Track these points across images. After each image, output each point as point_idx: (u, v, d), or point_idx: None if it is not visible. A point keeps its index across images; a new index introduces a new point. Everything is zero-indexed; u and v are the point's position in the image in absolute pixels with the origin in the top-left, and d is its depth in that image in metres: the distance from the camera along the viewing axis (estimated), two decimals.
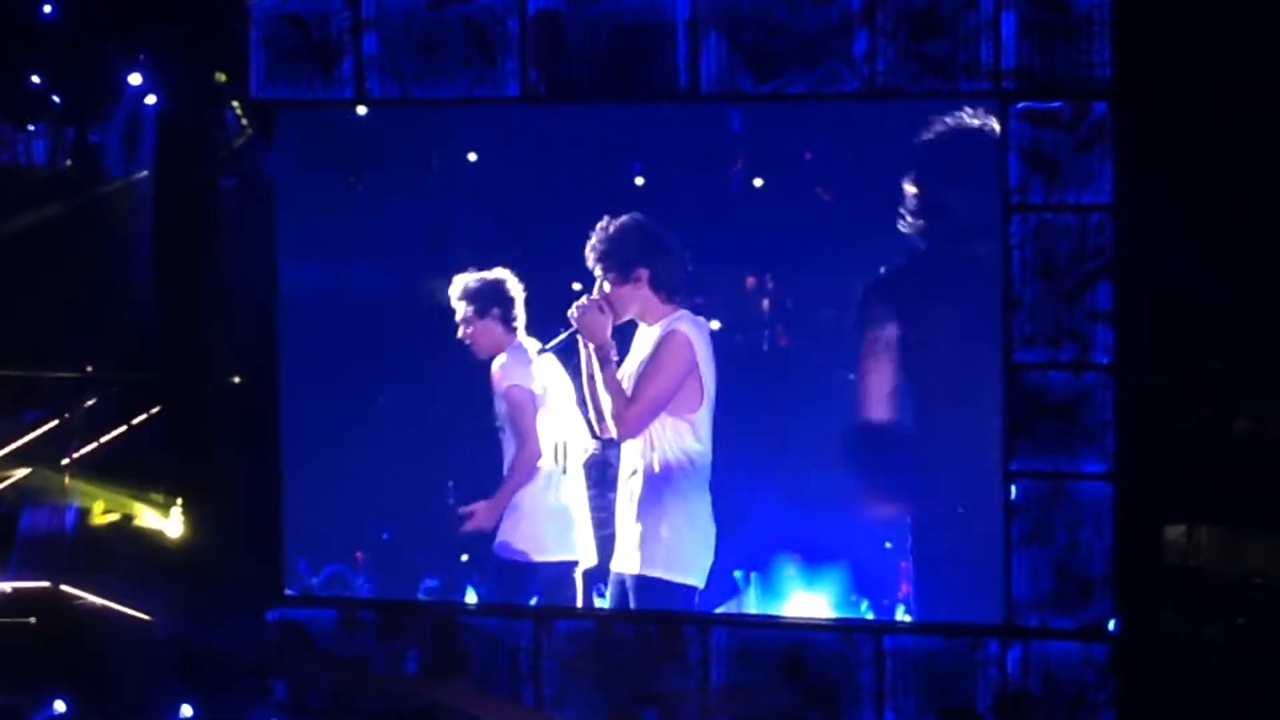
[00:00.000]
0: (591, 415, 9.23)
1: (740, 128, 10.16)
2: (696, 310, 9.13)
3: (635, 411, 9.04)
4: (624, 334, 9.11)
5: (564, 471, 9.80)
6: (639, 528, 8.99)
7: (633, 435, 9.08)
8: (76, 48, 9.96)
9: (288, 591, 10.00)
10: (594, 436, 9.53)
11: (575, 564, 9.79)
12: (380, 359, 10.21)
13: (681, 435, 9.02)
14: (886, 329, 9.36)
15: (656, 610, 9.05)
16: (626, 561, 9.03)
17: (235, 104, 9.73)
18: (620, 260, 9.14)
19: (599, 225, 9.09)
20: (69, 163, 10.87)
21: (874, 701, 9.21)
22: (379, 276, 10.41)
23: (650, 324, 9.15)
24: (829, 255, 9.90)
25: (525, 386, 9.77)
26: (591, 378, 9.08)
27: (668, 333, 9.04)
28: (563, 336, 9.10)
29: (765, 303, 10.52)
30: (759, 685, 9.31)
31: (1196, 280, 8.80)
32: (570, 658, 9.50)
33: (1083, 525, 8.98)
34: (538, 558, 9.72)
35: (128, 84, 9.92)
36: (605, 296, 9.12)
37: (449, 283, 9.86)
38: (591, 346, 9.06)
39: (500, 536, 9.75)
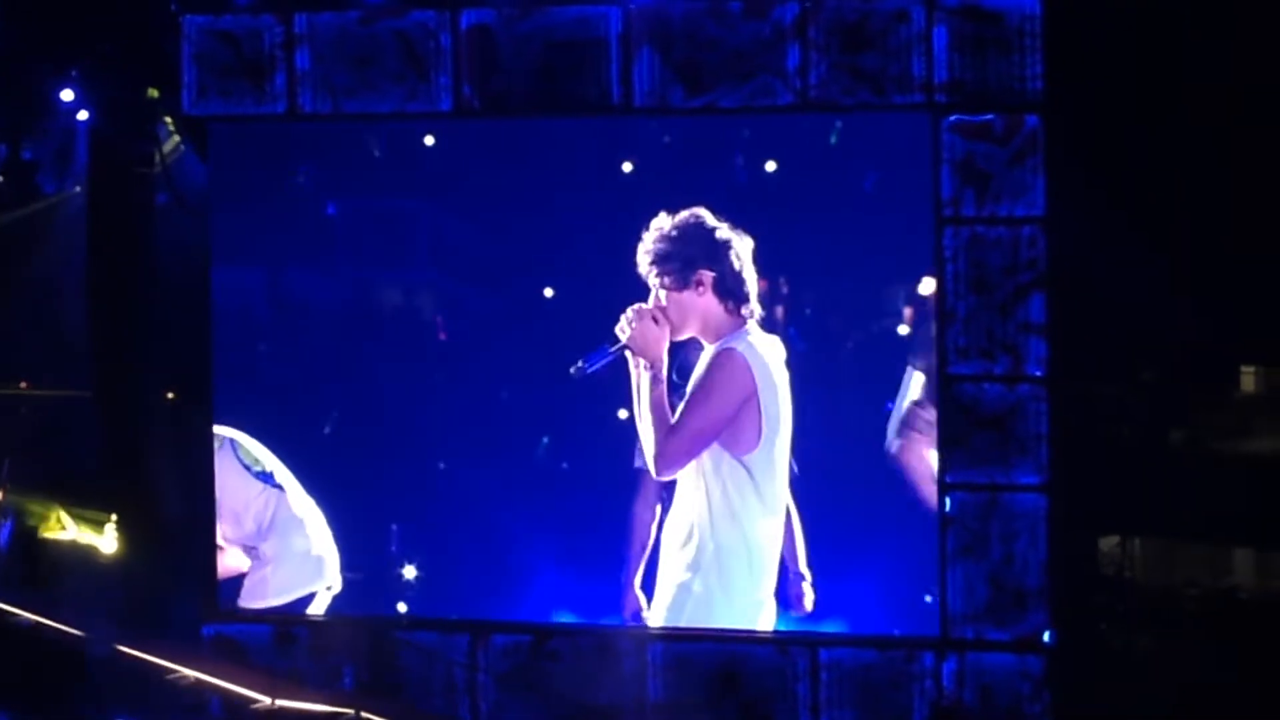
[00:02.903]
0: (641, 447, 8.61)
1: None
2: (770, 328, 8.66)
3: (673, 444, 8.34)
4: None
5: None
6: (672, 576, 8.59)
7: (667, 472, 8.43)
8: (8, 64, 9.89)
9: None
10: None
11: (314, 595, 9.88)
12: (315, 375, 10.15)
13: (736, 478, 8.40)
14: None
15: (590, 623, 9.07)
16: (657, 613, 8.73)
17: (168, 120, 9.71)
18: (681, 262, 8.50)
19: (655, 224, 8.59)
20: (1, 179, 10.82)
21: (810, 714, 9.22)
22: (314, 292, 10.35)
23: (712, 342, 8.51)
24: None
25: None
26: (641, 402, 8.53)
27: (721, 351, 8.42)
28: (610, 353, 8.51)
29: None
30: (695, 699, 9.33)
31: (1129, 292, 8.83)
32: (506, 672, 9.51)
33: (1017, 537, 9.01)
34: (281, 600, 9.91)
35: (60, 100, 9.90)
36: (661, 306, 8.51)
37: (387, 295, 9.87)
38: (642, 364, 8.42)
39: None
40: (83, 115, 9.90)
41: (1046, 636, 9.00)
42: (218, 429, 9.85)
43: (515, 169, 9.68)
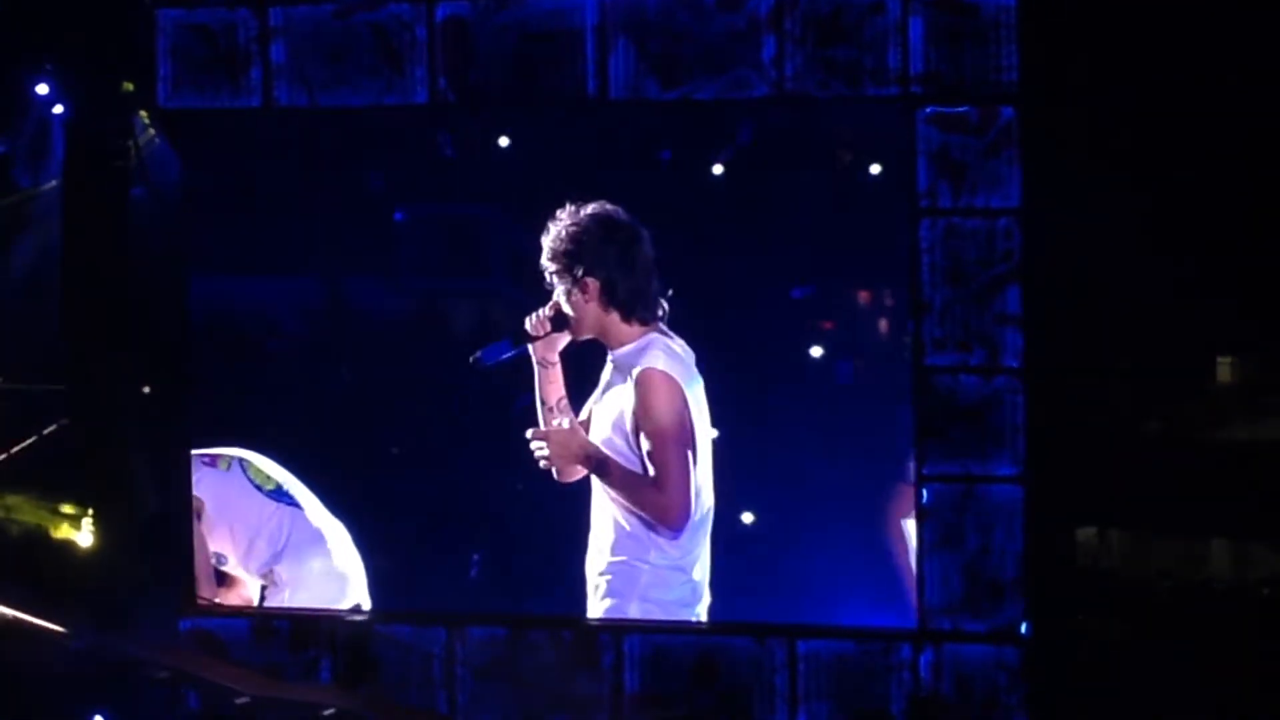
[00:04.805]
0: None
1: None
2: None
3: (671, 496, 7.79)
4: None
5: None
6: (594, 605, 8.48)
7: (685, 520, 7.91)
8: None
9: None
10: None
11: None
12: (288, 369, 10.17)
13: None
14: None
15: (569, 615, 9.05)
16: None
17: (143, 114, 9.67)
18: (569, 262, 7.97)
19: (559, 215, 8.21)
20: None
21: (787, 706, 9.23)
22: (289, 287, 10.37)
23: (614, 349, 8.07)
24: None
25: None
26: (547, 407, 8.27)
27: (643, 375, 7.84)
28: (512, 350, 8.13)
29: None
30: (672, 691, 9.32)
31: (1105, 283, 8.85)
32: (483, 664, 9.50)
33: (994, 529, 8.99)
34: None
35: (35, 94, 9.88)
36: (557, 308, 8.09)
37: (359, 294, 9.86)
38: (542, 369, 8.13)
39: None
40: (58, 109, 9.87)
41: (1023, 628, 9.00)
42: (225, 450, 9.84)
43: (512, 163, 9.76)
